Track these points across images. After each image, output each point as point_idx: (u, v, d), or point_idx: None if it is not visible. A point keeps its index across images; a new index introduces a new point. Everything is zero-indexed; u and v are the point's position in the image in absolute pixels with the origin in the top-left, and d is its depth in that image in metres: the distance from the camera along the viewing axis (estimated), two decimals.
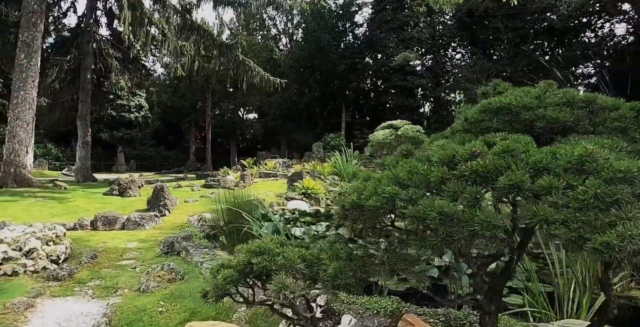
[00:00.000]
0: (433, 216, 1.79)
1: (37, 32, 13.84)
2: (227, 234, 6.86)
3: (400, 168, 2.20)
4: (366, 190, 2.10)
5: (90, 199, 11.27)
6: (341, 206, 2.26)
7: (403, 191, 1.98)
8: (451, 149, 2.09)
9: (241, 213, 7.04)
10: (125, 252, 6.71)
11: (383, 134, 17.83)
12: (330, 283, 2.06)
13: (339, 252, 2.20)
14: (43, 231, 5.70)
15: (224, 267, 2.35)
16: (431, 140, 3.05)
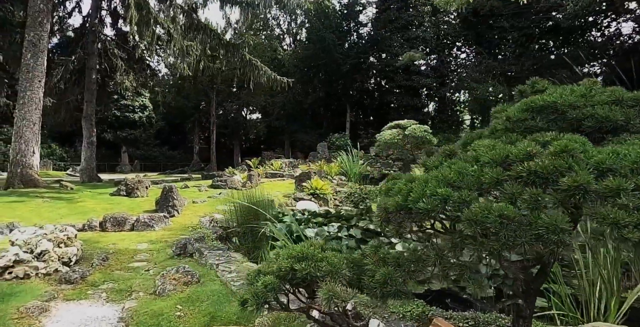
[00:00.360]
0: (492, 219, 1.68)
1: (44, 32, 13.76)
2: (242, 235, 6.76)
3: (447, 169, 2.09)
4: (414, 192, 1.99)
5: (98, 200, 11.18)
6: (382, 209, 2.15)
7: (455, 193, 1.87)
8: (503, 149, 1.97)
9: (254, 214, 6.94)
10: (136, 254, 6.60)
11: (390, 134, 17.68)
12: (379, 290, 1.95)
13: (386, 257, 2.08)
14: (54, 232, 5.59)
15: (262, 274, 2.23)
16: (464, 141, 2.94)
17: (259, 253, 6.43)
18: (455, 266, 1.95)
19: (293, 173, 18.82)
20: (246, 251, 6.62)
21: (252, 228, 6.90)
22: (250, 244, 6.70)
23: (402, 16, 34.66)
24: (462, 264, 1.96)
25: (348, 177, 18.02)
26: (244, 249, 6.69)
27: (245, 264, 5.42)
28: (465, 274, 1.95)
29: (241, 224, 7.17)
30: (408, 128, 17.71)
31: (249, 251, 6.65)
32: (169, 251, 6.77)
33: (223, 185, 13.96)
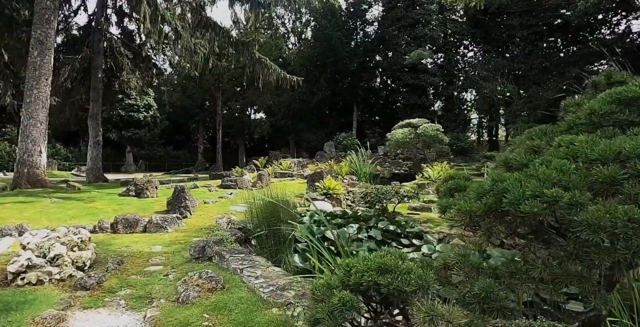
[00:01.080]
0: (622, 223, 1.39)
1: (50, 30, 13.50)
2: (262, 237, 6.47)
3: (542, 167, 1.78)
4: (510, 193, 1.69)
5: (107, 200, 10.90)
6: (464, 212, 1.85)
7: (566, 194, 1.57)
8: (612, 145, 1.67)
9: (274, 215, 6.66)
10: (151, 257, 6.32)
11: (402, 133, 17.40)
12: (478, 306, 1.66)
13: (480, 267, 1.78)
14: (68, 235, 5.31)
15: (332, 288, 1.93)
16: (527, 136, 2.64)
17: (282, 256, 6.15)
18: (571, 277, 1.65)
19: (302, 173, 18.56)
20: (268, 254, 6.33)
21: (272, 230, 6.62)
22: (271, 246, 6.41)
23: (409, 14, 34.34)
24: (582, 276, 1.66)
25: (358, 177, 17.75)
26: (265, 252, 6.40)
27: (270, 268, 5.13)
28: (587, 286, 1.64)
29: (260, 225, 6.89)
30: (420, 127, 17.43)
31: (271, 254, 6.37)
32: (185, 254, 6.50)
33: (233, 185, 13.69)
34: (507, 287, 1.72)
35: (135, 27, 22.13)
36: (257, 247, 6.68)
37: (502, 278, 1.75)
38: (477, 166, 20.34)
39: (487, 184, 1.90)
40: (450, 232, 9.35)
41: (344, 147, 29.58)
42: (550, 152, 2.03)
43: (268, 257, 6.13)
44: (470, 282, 1.75)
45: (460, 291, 1.75)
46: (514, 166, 2.03)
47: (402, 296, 1.74)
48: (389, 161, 23.72)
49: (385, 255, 2.00)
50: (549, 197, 1.57)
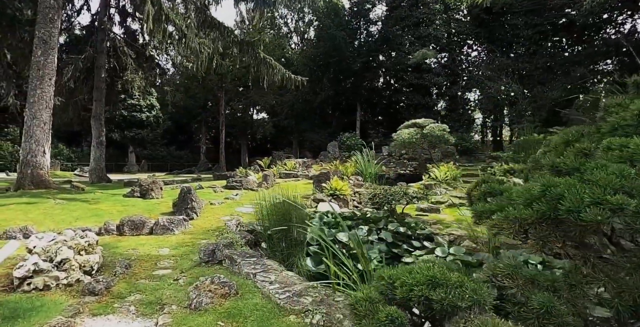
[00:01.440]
0: None
1: (54, 29, 13.37)
2: (275, 240, 6.33)
3: (597, 173, 1.64)
4: (566, 199, 1.54)
5: (112, 202, 10.77)
6: (513, 219, 1.70)
7: (633, 201, 1.43)
8: None
9: (284, 217, 6.52)
10: (159, 261, 6.19)
11: (408, 133, 17.24)
12: (536, 322, 1.51)
13: (536, 279, 1.64)
14: (75, 238, 5.18)
15: (377, 302, 1.78)
16: (565, 140, 2.51)
17: (295, 260, 6.01)
18: None
19: (307, 173, 18.42)
20: (279, 257, 6.19)
21: (283, 232, 6.49)
22: (282, 249, 6.27)
23: (414, 14, 34.17)
24: None
25: (364, 178, 17.60)
26: (277, 255, 6.26)
27: (284, 273, 5.00)
28: None
29: (270, 228, 6.75)
30: (426, 127, 17.27)
31: (282, 257, 6.23)
32: (193, 257, 6.36)
33: (238, 186, 13.55)
34: (567, 302, 1.58)
35: (138, 27, 22.05)
36: (267, 250, 6.53)
37: (561, 291, 1.60)
38: (482, 166, 20.19)
39: (536, 189, 1.76)
40: (460, 234, 9.21)
41: (348, 148, 29.41)
42: (600, 156, 1.89)
43: (280, 260, 5.99)
44: (525, 295, 1.61)
45: (513, 303, 1.61)
46: (563, 170, 1.88)
47: (455, 311, 1.60)
48: (394, 161, 23.55)
49: (432, 267, 1.85)
50: (614, 204, 1.43)
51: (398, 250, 7.30)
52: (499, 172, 18.15)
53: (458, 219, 10.55)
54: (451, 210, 11.59)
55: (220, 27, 16.98)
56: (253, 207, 10.81)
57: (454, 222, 10.11)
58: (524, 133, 24.53)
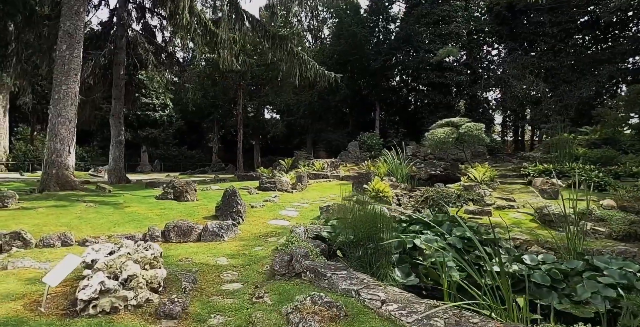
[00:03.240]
0: None
1: (80, 21, 12.70)
2: (352, 249, 5.61)
3: None
4: None
5: (146, 204, 10.07)
6: None
7: None
8: None
9: (367, 222, 5.79)
10: (221, 272, 5.51)
11: (444, 132, 16.48)
12: None
13: None
14: (139, 251, 4.47)
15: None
16: None
17: (382, 271, 5.29)
18: None
19: (337, 173, 17.71)
20: (358, 267, 5.47)
21: (357, 239, 5.77)
22: (372, 261, 5.52)
23: (435, 11, 33.38)
24: None
25: (396, 178, 16.87)
26: (354, 265, 5.53)
27: (389, 288, 4.28)
28: None
29: (344, 233, 6.04)
30: (462, 126, 16.50)
31: (361, 267, 5.50)
32: (257, 267, 5.70)
33: (272, 187, 12.85)
34: None
35: (157, 23, 21.37)
36: (344, 260, 5.82)
37: None
38: (513, 167, 19.50)
39: None
40: (525, 239, 8.54)
41: (368, 147, 28.70)
42: None
43: (375, 275, 5.27)
44: None
45: None
46: None
47: None
48: (419, 162, 22.82)
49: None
50: None
51: (469, 257, 6.60)
52: (534, 173, 17.46)
53: (514, 222, 9.88)
54: (501, 212, 10.86)
55: (252, 21, 16.22)
56: (296, 210, 10.13)
57: (512, 225, 9.41)
58: (552, 133, 23.80)
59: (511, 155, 28.69)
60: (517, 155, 22.01)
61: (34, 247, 6.60)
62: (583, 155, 18.15)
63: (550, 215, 9.60)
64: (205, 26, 16.36)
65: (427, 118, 33.82)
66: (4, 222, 7.80)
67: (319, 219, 9.03)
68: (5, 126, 28.43)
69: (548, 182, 15.63)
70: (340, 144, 34.19)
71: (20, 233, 6.56)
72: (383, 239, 5.41)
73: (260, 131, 44.45)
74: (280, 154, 46.22)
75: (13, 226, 7.55)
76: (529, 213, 10.76)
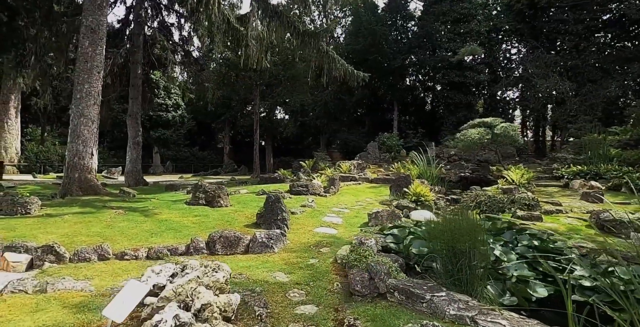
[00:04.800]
0: None
1: (103, 16, 12.06)
2: (453, 266, 4.89)
3: None
4: None
5: (178, 211, 9.38)
6: None
7: None
8: None
9: (452, 233, 5.07)
10: (286, 292, 4.84)
11: (478, 133, 15.75)
12: None
13: None
14: (208, 273, 3.78)
15: None
16: None
17: (479, 290, 4.58)
18: None
19: (366, 176, 17.00)
20: (459, 287, 4.76)
21: (436, 252, 5.07)
22: (469, 280, 4.81)
23: (455, 8, 32.57)
24: None
25: (427, 181, 16.18)
26: (450, 283, 4.82)
27: (507, 314, 3.57)
28: None
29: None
30: (497, 127, 15.77)
31: (457, 286, 4.79)
32: (325, 285, 5.08)
33: (304, 191, 12.14)
34: None
35: (175, 20, 20.77)
36: (428, 276, 5.12)
37: None
38: (543, 168, 18.77)
39: None
40: (592, 247, 7.81)
41: (388, 148, 27.94)
42: None
43: (477, 297, 4.56)
44: None
45: None
46: None
47: None
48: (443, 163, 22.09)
49: None
50: None
51: (542, 268, 5.89)
52: (568, 175, 16.73)
53: (569, 228, 9.15)
54: (550, 217, 10.11)
55: (282, 17, 15.50)
56: (338, 216, 9.46)
57: (570, 232, 8.67)
58: (580, 133, 23.04)
59: (535, 156, 27.89)
60: (549, 156, 21.19)
61: (68, 262, 5.94)
62: (617, 156, 17.44)
63: (610, 220, 8.89)
64: (228, 23, 15.68)
65: (447, 118, 33.04)
66: (29, 232, 7.16)
67: (368, 227, 8.35)
68: (17, 127, 27.85)
69: (586, 185, 14.96)
70: (357, 145, 33.41)
71: (53, 246, 5.91)
72: (472, 252, 4.70)
73: (272, 132, 43.73)
74: (292, 154, 45.54)
75: (40, 235, 6.92)
76: (582, 218, 10.03)
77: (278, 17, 15.31)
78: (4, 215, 8.53)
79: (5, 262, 5.66)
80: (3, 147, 26.91)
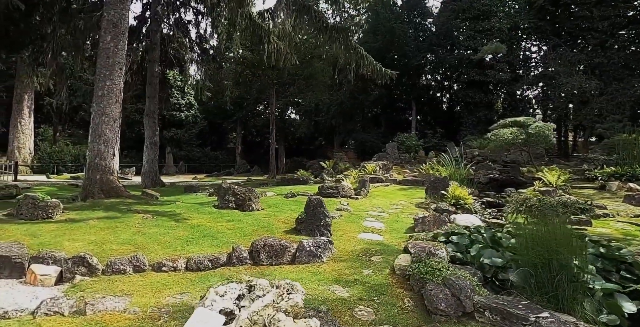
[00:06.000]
0: None
1: (125, 10, 11.52)
2: (546, 280, 4.27)
3: None
4: None
5: (208, 215, 8.81)
6: None
7: None
8: None
9: (541, 240, 4.46)
10: (352, 309, 4.33)
11: (511, 133, 15.11)
12: None
13: None
14: (283, 295, 3.20)
15: None
16: None
17: (578, 308, 3.97)
18: None
19: (393, 177, 16.41)
20: (553, 304, 4.15)
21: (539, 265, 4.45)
22: (531, 287, 4.20)
23: (475, 5, 31.89)
24: None
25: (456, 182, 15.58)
26: (544, 300, 4.20)
27: None
28: None
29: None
30: (531, 126, 15.12)
31: (551, 303, 4.18)
32: (393, 301, 4.49)
33: (334, 193, 11.55)
34: None
35: (192, 17, 20.26)
36: (511, 290, 4.52)
37: None
38: (573, 170, 18.11)
39: None
40: None
41: (407, 149, 27.35)
42: None
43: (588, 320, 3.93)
44: None
45: None
46: None
47: None
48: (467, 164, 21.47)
49: None
50: None
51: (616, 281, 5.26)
52: (602, 176, 16.13)
53: (623, 233, 8.55)
54: (599, 221, 9.47)
55: (310, 11, 14.87)
56: (378, 221, 8.85)
57: (627, 237, 8.03)
58: (610, 133, 22.32)
59: (558, 157, 27.14)
60: (580, 157, 20.48)
61: (101, 274, 5.38)
62: None
63: None
64: (250, 18, 15.12)
65: (466, 118, 32.36)
66: (54, 239, 6.63)
67: (415, 232, 7.75)
68: (30, 127, 27.53)
69: (624, 187, 14.38)
70: (375, 145, 32.79)
71: (84, 257, 5.35)
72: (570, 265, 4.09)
73: (285, 132, 43.20)
74: (304, 155, 44.95)
75: (66, 243, 6.39)
76: (633, 223, 9.42)
77: (306, 12, 14.71)
78: (25, 219, 8.02)
79: (32, 276, 5.13)
80: (17, 147, 26.58)
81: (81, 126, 40.41)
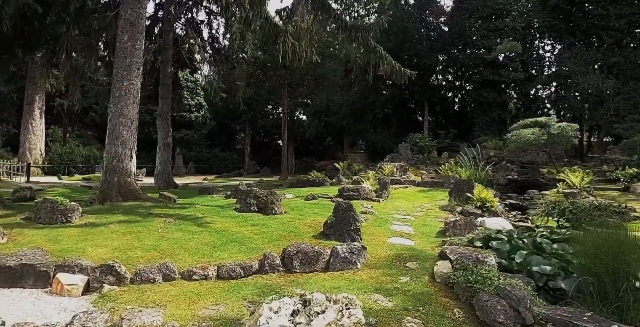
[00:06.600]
0: None
1: (142, 9, 11.31)
2: (622, 295, 3.98)
3: None
4: None
5: (231, 219, 8.55)
6: None
7: None
8: None
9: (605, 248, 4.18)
10: (400, 321, 4.10)
11: (532, 133, 14.82)
12: None
13: None
14: (343, 311, 2.95)
15: None
16: None
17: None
18: None
19: (408, 179, 16.13)
20: (615, 315, 3.87)
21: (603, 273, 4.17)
22: (613, 301, 3.92)
23: (488, 4, 31.54)
24: None
25: None
26: (608, 311, 3.92)
27: None
28: None
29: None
30: (554, 126, 14.83)
31: (617, 314, 3.90)
32: (441, 311, 4.25)
33: (355, 195, 11.31)
34: None
35: (205, 17, 20.09)
36: (570, 301, 4.25)
37: None
38: (592, 170, 17.78)
39: None
40: None
41: (420, 149, 27.04)
42: None
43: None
44: None
45: None
46: None
47: None
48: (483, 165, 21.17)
49: None
50: None
51: None
52: (624, 178, 15.83)
53: None
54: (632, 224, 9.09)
55: (329, 9, 14.59)
56: (405, 225, 8.58)
57: None
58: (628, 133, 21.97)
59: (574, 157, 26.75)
60: (600, 158, 20.12)
61: (130, 284, 5.15)
62: None
63: None
64: (266, 18, 14.89)
65: (479, 118, 32.02)
66: (75, 245, 6.38)
67: (446, 237, 7.49)
68: (41, 128, 27.46)
69: None
70: (386, 145, 32.50)
71: (113, 266, 5.13)
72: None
73: (294, 132, 42.97)
74: (312, 155, 44.73)
75: (89, 249, 6.15)
76: None
77: (325, 10, 14.44)
78: (44, 224, 7.79)
79: (59, 285, 4.90)
80: (28, 149, 26.50)
81: (91, 127, 40.36)
